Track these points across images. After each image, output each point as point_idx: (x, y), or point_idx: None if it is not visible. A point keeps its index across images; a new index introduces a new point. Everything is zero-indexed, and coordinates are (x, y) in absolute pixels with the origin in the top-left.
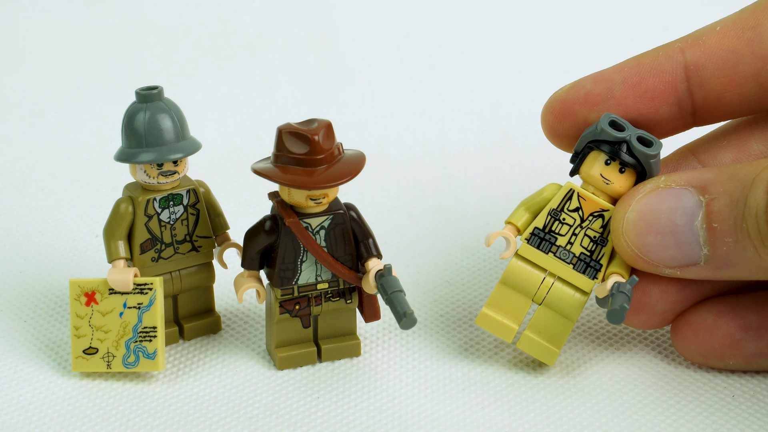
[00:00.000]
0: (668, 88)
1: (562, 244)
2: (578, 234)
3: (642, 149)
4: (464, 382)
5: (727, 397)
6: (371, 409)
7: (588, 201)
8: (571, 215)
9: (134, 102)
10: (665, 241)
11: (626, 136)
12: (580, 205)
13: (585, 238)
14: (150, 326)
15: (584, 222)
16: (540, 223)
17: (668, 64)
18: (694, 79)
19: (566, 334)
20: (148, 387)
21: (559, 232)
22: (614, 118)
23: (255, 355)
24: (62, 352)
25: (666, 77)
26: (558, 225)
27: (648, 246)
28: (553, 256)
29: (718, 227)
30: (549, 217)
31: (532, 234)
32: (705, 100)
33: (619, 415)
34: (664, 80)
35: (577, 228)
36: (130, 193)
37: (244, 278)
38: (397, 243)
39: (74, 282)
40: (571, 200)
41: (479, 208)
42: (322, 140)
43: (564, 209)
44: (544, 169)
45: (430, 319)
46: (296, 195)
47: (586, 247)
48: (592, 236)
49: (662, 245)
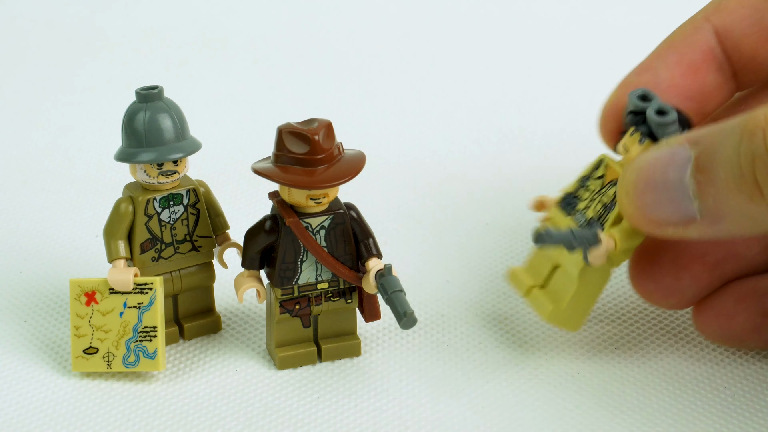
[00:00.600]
0: (707, 57)
1: (581, 208)
2: (595, 200)
3: (653, 117)
4: (464, 383)
5: (727, 397)
6: (371, 409)
7: (611, 169)
8: (595, 182)
9: (134, 102)
10: (660, 197)
11: (646, 106)
12: (605, 172)
13: (599, 204)
14: (150, 326)
15: (603, 189)
16: (572, 188)
17: (698, 34)
18: (726, 42)
19: (568, 294)
20: (148, 387)
21: (582, 197)
22: (646, 92)
23: (255, 355)
24: (62, 352)
25: (702, 46)
26: (583, 191)
27: (647, 205)
28: (571, 219)
29: (702, 179)
30: (579, 183)
31: (563, 198)
32: (742, 61)
33: (619, 415)
34: (701, 49)
35: (596, 194)
36: (130, 193)
37: (244, 278)
38: (397, 243)
39: (74, 282)
40: (598, 168)
41: (479, 208)
42: (322, 140)
43: (591, 176)
44: (545, 169)
45: (430, 319)
46: (296, 195)
47: (598, 212)
48: (606, 203)
49: (658, 202)
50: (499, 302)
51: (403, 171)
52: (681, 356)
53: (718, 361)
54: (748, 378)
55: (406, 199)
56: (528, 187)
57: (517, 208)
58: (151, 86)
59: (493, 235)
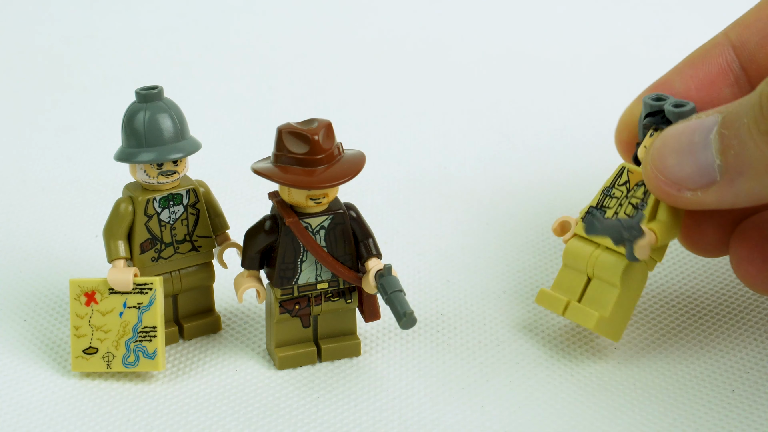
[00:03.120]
0: (723, 70)
1: (610, 216)
2: (624, 204)
3: (671, 109)
4: (464, 382)
5: (726, 391)
6: (371, 409)
7: (635, 173)
8: (620, 188)
9: (134, 102)
10: (683, 158)
11: (662, 104)
12: (628, 178)
13: (629, 206)
14: (150, 326)
15: (629, 192)
16: (594, 202)
17: (716, 49)
18: (742, 55)
19: (612, 301)
20: (148, 387)
21: (608, 206)
22: (659, 94)
23: (255, 355)
24: (62, 351)
25: (718, 60)
26: (608, 200)
27: (669, 167)
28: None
29: (726, 132)
30: (603, 195)
31: (587, 213)
32: (758, 73)
33: (620, 415)
34: (718, 63)
35: (623, 199)
36: (130, 193)
37: (244, 278)
38: (397, 243)
39: (74, 282)
40: (621, 176)
41: (479, 208)
42: (322, 140)
43: (615, 185)
44: (545, 169)
45: (430, 319)
46: (296, 195)
47: (629, 215)
48: (635, 203)
49: (681, 163)
50: (499, 302)
51: (403, 171)
52: (680, 353)
53: (718, 357)
54: (748, 372)
55: (406, 199)
56: (528, 187)
57: (517, 208)
58: (151, 86)
59: (493, 235)
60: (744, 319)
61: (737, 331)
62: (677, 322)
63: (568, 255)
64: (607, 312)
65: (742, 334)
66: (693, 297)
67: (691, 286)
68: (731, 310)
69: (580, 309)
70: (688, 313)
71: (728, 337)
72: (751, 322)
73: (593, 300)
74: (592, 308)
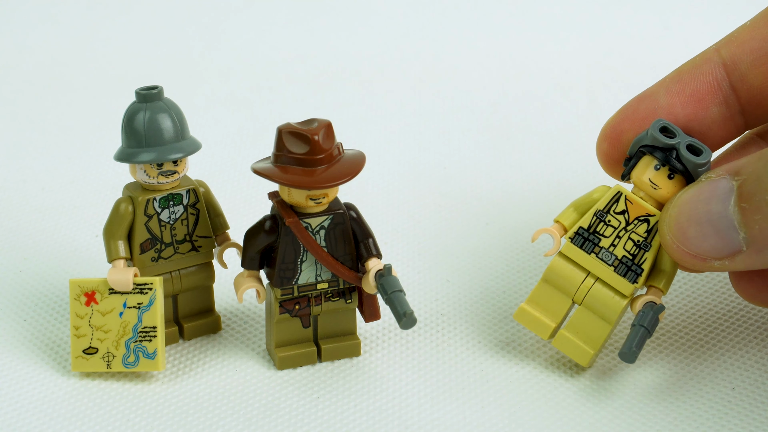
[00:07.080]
0: (712, 88)
1: (605, 246)
2: (622, 237)
3: (690, 157)
4: (464, 382)
5: (728, 390)
6: (371, 410)
7: (635, 204)
8: (617, 217)
9: (134, 102)
10: (704, 230)
11: (676, 143)
12: (626, 208)
13: (629, 241)
14: (150, 326)
15: (629, 225)
16: (585, 223)
17: (707, 65)
18: (733, 75)
19: (603, 337)
20: (148, 387)
21: (603, 234)
22: (666, 124)
23: (255, 355)
24: (62, 351)
25: (707, 77)
26: (603, 227)
27: (690, 239)
28: (595, 257)
29: (747, 206)
30: (595, 218)
31: (577, 233)
32: (749, 95)
33: (620, 414)
34: (706, 80)
35: (622, 231)
36: (130, 193)
37: (244, 278)
38: (397, 243)
39: (74, 282)
40: (618, 203)
41: (479, 208)
42: (322, 140)
43: (610, 211)
44: (545, 169)
45: (430, 319)
46: (296, 195)
47: (629, 251)
48: (636, 240)
49: (702, 235)
50: (499, 302)
51: (403, 171)
52: (680, 353)
53: (718, 355)
54: (749, 370)
55: (406, 199)
56: (528, 187)
57: (517, 208)
58: (151, 86)
59: (493, 235)
60: (744, 318)
61: (737, 330)
62: (677, 322)
63: (553, 274)
64: (596, 348)
65: (743, 333)
66: (693, 297)
67: (691, 286)
68: (731, 309)
69: (570, 342)
70: (688, 312)
71: (728, 335)
72: (751, 321)
73: (579, 329)
74: (577, 339)
